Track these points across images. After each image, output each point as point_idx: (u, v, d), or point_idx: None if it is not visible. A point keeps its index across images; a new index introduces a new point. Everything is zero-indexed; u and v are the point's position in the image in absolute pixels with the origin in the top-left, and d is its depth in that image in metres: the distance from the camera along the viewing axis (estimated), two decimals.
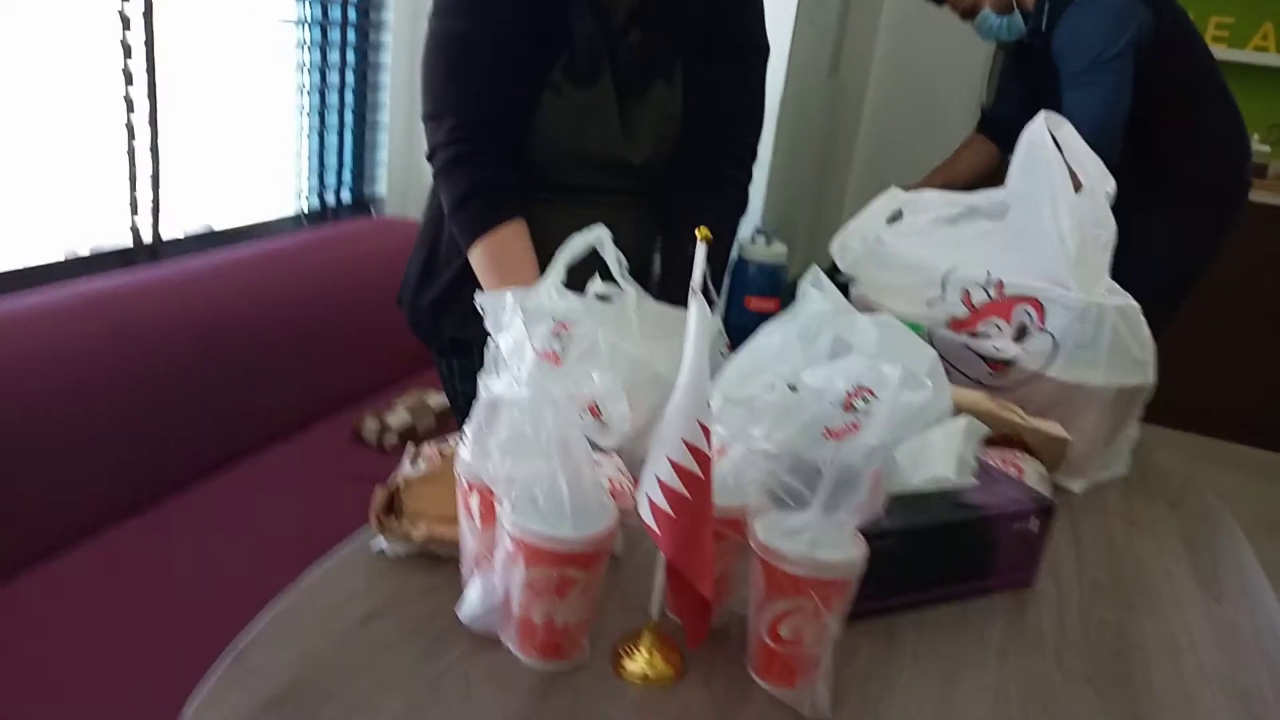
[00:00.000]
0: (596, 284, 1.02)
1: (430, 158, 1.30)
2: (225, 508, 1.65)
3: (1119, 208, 1.20)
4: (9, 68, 1.59)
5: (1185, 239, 2.39)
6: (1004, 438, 1.12)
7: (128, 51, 1.76)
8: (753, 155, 1.46)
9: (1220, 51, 3.48)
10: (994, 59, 3.84)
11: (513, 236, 1.28)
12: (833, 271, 1.29)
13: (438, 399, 2.01)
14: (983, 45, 3.39)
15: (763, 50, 1.40)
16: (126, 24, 1.74)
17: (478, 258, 1.29)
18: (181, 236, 1.97)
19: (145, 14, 1.76)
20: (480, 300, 0.91)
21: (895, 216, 1.42)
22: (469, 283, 1.38)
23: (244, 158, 2.11)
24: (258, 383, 1.84)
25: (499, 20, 1.23)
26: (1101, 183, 1.20)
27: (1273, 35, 3.74)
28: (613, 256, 0.97)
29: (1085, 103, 2.04)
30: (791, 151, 2.50)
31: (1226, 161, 2.43)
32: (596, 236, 0.97)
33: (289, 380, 1.91)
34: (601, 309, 1.00)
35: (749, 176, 1.46)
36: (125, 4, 1.73)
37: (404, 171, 2.50)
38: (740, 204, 1.45)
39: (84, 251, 1.77)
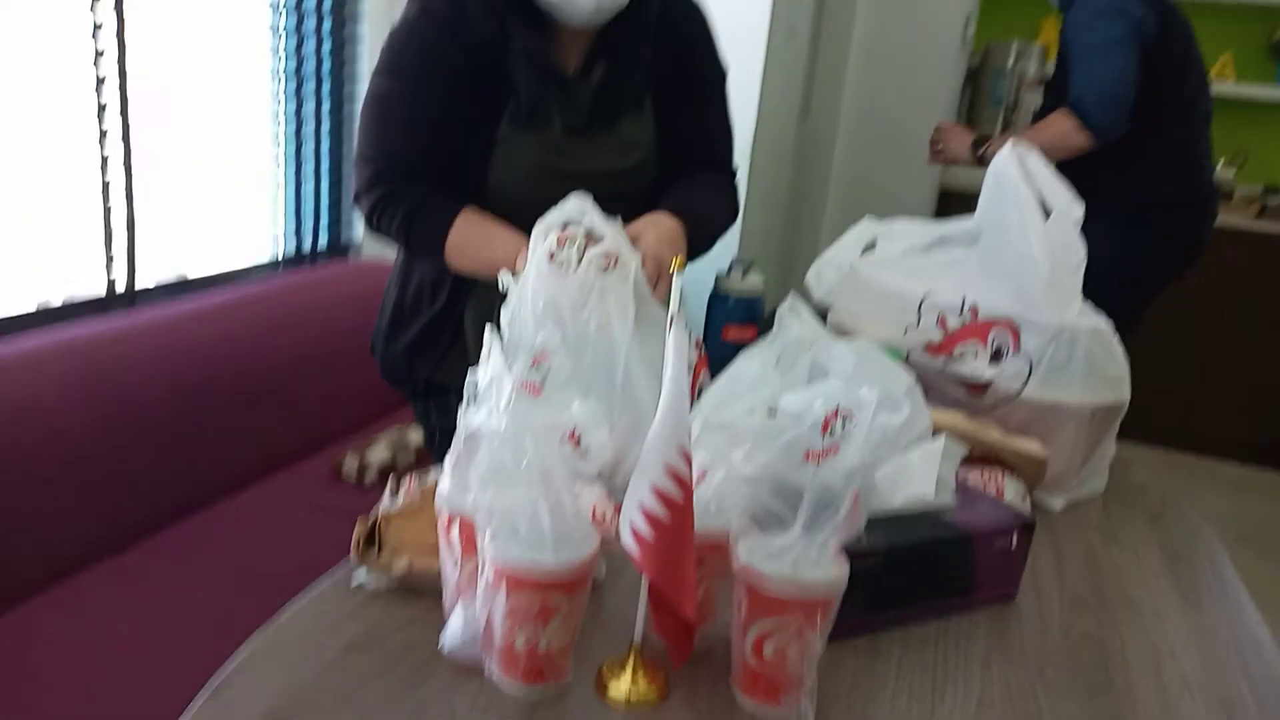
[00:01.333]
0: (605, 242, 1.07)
1: (356, 201, 1.34)
2: (205, 546, 1.64)
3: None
4: None
5: (1131, 249, 2.48)
6: (983, 457, 1.13)
7: (102, 104, 1.77)
8: (729, 167, 1.48)
9: None
10: (962, 96, 3.93)
11: (475, 215, 1.29)
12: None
13: (417, 436, 2.00)
14: (950, 84, 3.48)
15: (720, 74, 1.46)
16: (101, 80, 1.76)
17: (453, 251, 1.29)
18: (156, 286, 1.96)
19: (119, 65, 1.78)
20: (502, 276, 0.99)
21: (869, 246, 1.44)
22: (442, 327, 1.41)
23: (220, 205, 2.12)
24: (236, 425, 1.83)
25: (424, 81, 1.28)
26: (1069, 208, 1.23)
27: (1231, 65, 3.86)
28: (601, 220, 1.04)
29: (1090, 78, 2.26)
30: (766, 190, 2.53)
31: (1188, 184, 2.53)
32: (577, 206, 1.01)
33: (268, 422, 1.91)
34: (602, 281, 1.02)
35: (731, 181, 1.47)
36: (99, 58, 1.75)
37: None
38: (726, 194, 1.46)
39: (57, 303, 1.77)
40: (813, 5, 2.69)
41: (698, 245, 1.31)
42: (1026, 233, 1.19)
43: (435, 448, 1.54)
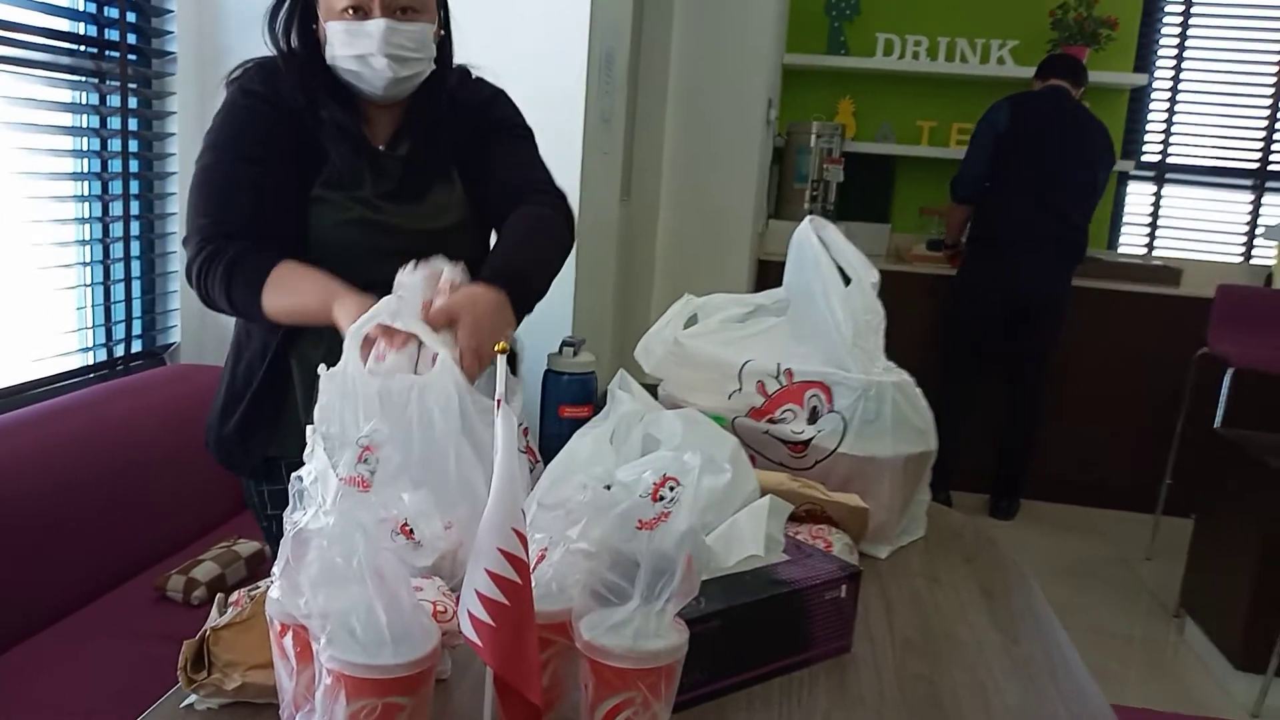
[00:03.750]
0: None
1: (189, 274, 1.34)
2: (17, 688, 1.49)
3: None
4: None
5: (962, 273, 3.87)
6: (809, 514, 1.19)
7: None
8: (553, 191, 1.48)
9: (927, 149, 4.40)
10: (770, 175, 4.17)
11: (292, 264, 1.30)
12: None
13: (247, 546, 1.91)
14: (758, 163, 3.69)
15: (523, 126, 1.53)
16: None
17: (271, 298, 1.29)
18: None
19: None
20: (321, 372, 0.99)
21: (691, 320, 1.50)
22: (273, 398, 1.41)
23: (20, 313, 1.99)
24: (50, 551, 1.70)
25: (246, 151, 1.35)
26: (866, 274, 1.33)
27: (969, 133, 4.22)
28: (414, 320, 1.05)
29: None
30: (593, 269, 2.60)
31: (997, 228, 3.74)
32: (388, 307, 1.01)
33: (85, 544, 1.78)
34: (421, 380, 1.01)
35: (557, 201, 1.47)
36: None
37: (199, 317, 2.41)
38: (553, 221, 1.44)
39: None
40: (625, 92, 2.81)
41: (533, 291, 1.32)
42: (830, 299, 1.28)
43: (273, 541, 1.49)
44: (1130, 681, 2.78)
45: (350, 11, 1.31)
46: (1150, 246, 4.55)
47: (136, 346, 2.32)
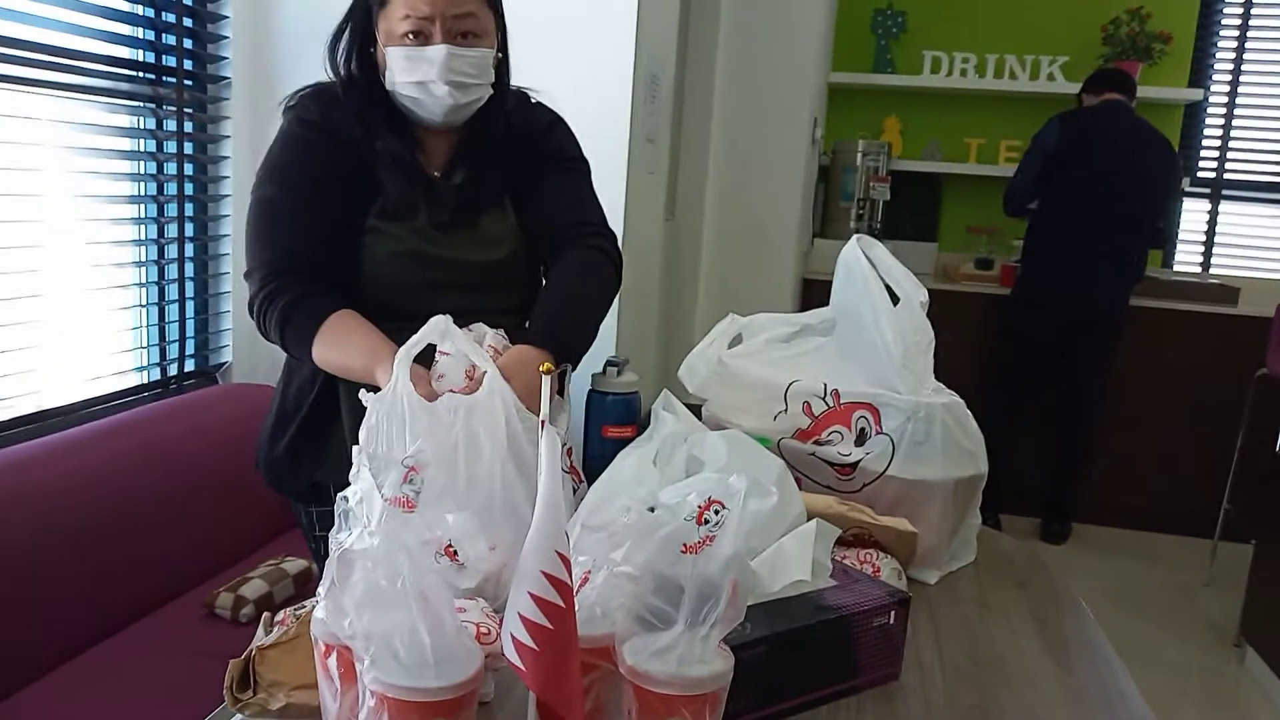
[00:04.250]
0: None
1: (250, 309, 1.36)
2: (72, 703, 1.51)
3: None
4: None
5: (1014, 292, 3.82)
6: (857, 538, 1.17)
7: None
8: (604, 231, 1.49)
9: (975, 167, 4.37)
10: (815, 194, 4.15)
11: (344, 316, 1.31)
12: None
13: (295, 564, 1.93)
14: (803, 184, 3.68)
15: (580, 157, 1.52)
16: None
17: (320, 351, 1.30)
18: (9, 418, 1.86)
19: None
20: (363, 396, 0.98)
21: (735, 340, 1.49)
22: (322, 423, 1.41)
23: (79, 333, 2.04)
24: (102, 568, 1.72)
25: (304, 182, 1.36)
26: (915, 293, 1.31)
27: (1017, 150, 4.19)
28: (463, 341, 1.07)
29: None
30: (637, 289, 2.60)
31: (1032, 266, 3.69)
32: (437, 328, 1.02)
33: (136, 562, 1.80)
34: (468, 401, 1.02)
35: (612, 246, 1.48)
36: None
37: (250, 337, 2.45)
38: (598, 266, 1.45)
39: None
40: (670, 112, 2.82)
41: (580, 348, 1.36)
42: (878, 319, 1.26)
43: (320, 561, 1.50)
44: (1188, 713, 2.69)
45: (411, 36, 1.31)
46: (1206, 264, 4.45)
47: (189, 366, 2.36)
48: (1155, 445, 3.93)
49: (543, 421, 0.76)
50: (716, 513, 0.84)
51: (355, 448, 0.91)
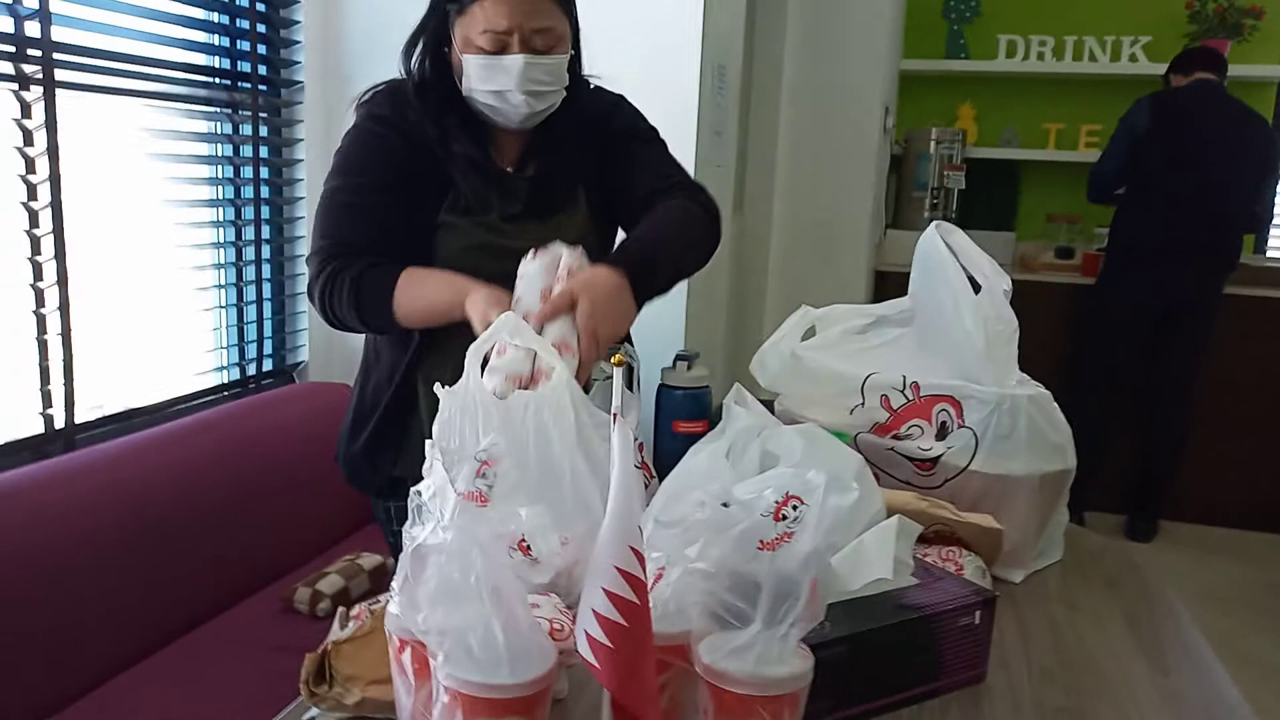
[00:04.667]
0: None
1: (310, 293, 1.37)
2: (150, 699, 1.55)
3: None
4: None
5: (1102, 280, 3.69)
6: (939, 535, 1.13)
7: (35, 245, 1.75)
8: (693, 186, 1.47)
9: (1053, 153, 4.24)
10: (887, 184, 4.07)
11: (416, 269, 1.32)
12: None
13: (370, 560, 1.95)
14: (875, 171, 3.60)
15: (649, 129, 1.51)
16: (34, 218, 1.74)
17: (401, 302, 1.31)
18: (96, 418, 1.92)
19: (53, 205, 1.77)
20: (437, 389, 1.00)
21: (809, 333, 1.46)
22: (400, 418, 1.42)
23: (160, 331, 2.09)
24: (183, 563, 1.77)
25: (372, 176, 1.37)
26: (997, 280, 1.26)
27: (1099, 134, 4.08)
28: (532, 337, 1.05)
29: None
30: (706, 283, 2.57)
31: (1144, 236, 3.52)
32: (507, 325, 1.01)
33: (216, 557, 1.85)
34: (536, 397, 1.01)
35: (705, 196, 1.46)
36: (33, 200, 1.74)
37: (326, 337, 2.50)
38: (689, 210, 1.42)
39: None
40: (737, 104, 2.79)
41: (659, 278, 1.31)
42: (959, 308, 1.22)
43: (399, 553, 1.51)
44: None
45: (488, 45, 1.30)
46: None
47: (267, 365, 2.41)
48: (1247, 438, 3.76)
49: (614, 414, 0.74)
50: (794, 509, 0.81)
51: (429, 442, 0.91)
